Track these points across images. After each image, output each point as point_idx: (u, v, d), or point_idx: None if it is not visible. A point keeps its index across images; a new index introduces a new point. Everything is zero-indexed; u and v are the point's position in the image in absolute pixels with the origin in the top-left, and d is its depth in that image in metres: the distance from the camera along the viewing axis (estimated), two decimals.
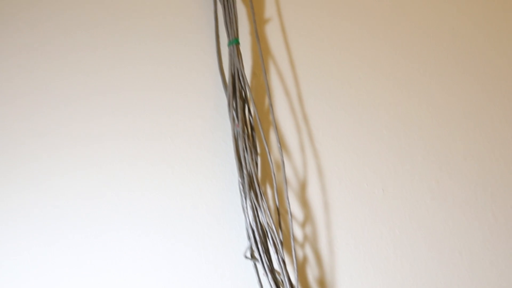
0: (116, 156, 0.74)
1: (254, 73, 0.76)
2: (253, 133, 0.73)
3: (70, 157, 0.74)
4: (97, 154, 0.74)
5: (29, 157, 0.73)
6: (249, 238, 0.69)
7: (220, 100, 0.75)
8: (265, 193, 0.72)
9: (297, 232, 0.72)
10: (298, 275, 0.68)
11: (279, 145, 0.72)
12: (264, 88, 0.75)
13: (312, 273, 0.71)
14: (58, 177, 0.73)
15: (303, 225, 0.73)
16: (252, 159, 0.71)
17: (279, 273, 0.68)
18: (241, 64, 0.73)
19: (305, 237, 0.73)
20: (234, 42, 0.73)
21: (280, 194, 0.72)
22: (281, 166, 0.71)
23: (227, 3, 0.76)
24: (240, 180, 0.70)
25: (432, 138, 0.74)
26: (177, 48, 0.77)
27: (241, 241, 0.71)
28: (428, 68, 0.76)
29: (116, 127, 0.75)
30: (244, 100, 0.73)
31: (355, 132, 0.74)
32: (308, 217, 0.73)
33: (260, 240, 0.68)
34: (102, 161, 0.74)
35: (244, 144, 0.71)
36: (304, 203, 0.73)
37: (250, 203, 0.69)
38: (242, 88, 0.73)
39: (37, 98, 0.76)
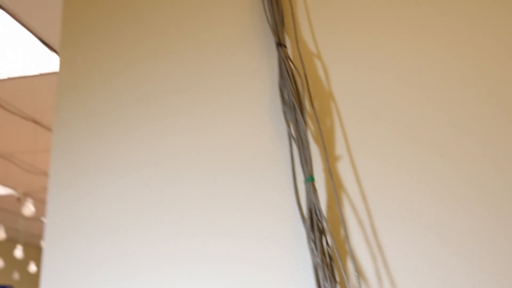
0: (193, 285, 0.78)
1: (329, 206, 0.80)
2: (332, 263, 0.75)
3: (159, 277, 0.78)
4: (173, 278, 0.78)
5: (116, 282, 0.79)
6: None
7: (299, 232, 0.79)
8: None
9: None
10: None
11: (356, 274, 0.73)
12: (339, 220, 0.78)
13: None
14: None
15: None
16: None
17: None
18: (317, 199, 0.77)
19: None
20: (310, 179, 0.78)
21: None
22: None
23: (302, 144, 0.82)
24: None
25: None
26: (258, 186, 0.83)
27: None
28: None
29: (197, 253, 0.80)
30: (321, 232, 0.76)
31: (431, 261, 0.74)
32: None
33: None
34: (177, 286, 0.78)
35: (323, 274, 0.74)
36: None
37: None
38: (319, 221, 0.77)
39: (127, 236, 0.82)
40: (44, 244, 0.94)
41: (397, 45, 0.86)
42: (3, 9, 2.38)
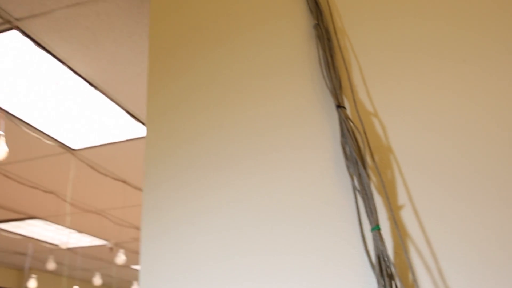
0: None
1: (396, 253, 0.82)
2: None
3: None
4: None
5: None
6: None
7: (368, 277, 0.81)
8: None
9: None
10: None
11: None
12: (406, 265, 0.80)
13: None
14: None
15: None
16: None
17: None
18: (384, 246, 0.79)
19: None
20: (376, 228, 0.81)
21: None
22: None
23: (366, 196, 0.85)
24: None
25: None
26: (328, 236, 0.87)
27: None
28: None
29: None
30: (391, 277, 0.78)
31: None
32: None
33: None
34: None
35: None
36: None
37: None
38: (388, 266, 0.78)
39: None
40: None
41: (448, 99, 0.88)
42: (97, 88, 2.66)
